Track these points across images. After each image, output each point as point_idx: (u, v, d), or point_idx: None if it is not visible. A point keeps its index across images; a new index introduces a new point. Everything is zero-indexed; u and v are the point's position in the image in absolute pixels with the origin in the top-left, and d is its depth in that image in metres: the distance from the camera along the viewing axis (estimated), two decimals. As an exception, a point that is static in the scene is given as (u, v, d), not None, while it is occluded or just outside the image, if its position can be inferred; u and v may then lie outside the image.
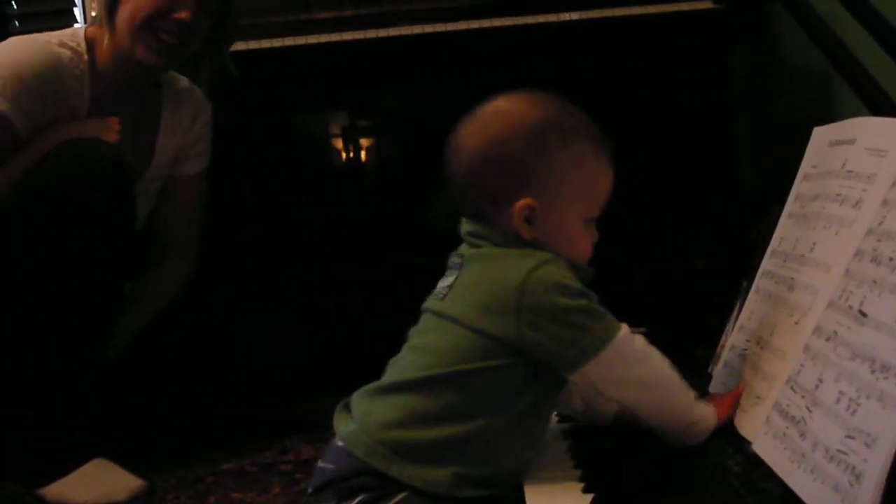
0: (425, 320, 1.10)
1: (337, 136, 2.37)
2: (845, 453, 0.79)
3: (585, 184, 1.09)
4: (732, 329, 1.27)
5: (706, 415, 1.06)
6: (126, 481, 1.62)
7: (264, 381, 2.06)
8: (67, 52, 1.68)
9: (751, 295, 1.23)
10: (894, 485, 0.74)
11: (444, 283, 1.09)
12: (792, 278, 1.09)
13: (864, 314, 0.87)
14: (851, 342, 0.87)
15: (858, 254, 0.94)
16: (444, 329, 1.05)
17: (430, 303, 1.09)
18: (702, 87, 2.21)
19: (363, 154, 2.36)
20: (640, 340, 1.03)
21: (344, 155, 2.35)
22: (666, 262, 2.25)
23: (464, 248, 1.10)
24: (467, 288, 1.06)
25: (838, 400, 0.84)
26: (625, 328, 1.02)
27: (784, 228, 1.20)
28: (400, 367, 1.07)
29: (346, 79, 2.24)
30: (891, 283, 0.84)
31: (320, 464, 1.06)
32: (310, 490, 1.06)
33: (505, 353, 1.01)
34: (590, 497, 0.97)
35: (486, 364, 1.01)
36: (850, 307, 0.90)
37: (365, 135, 2.37)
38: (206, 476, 1.72)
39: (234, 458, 1.80)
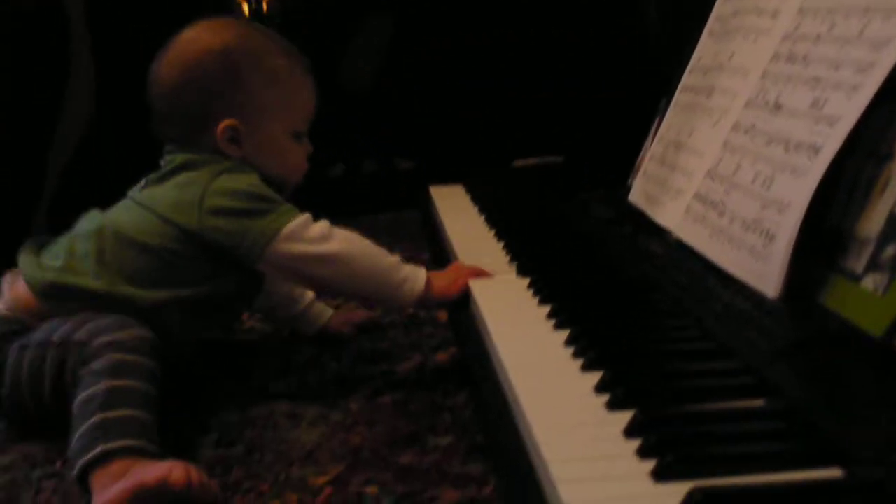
0: (119, 204, 1.18)
1: None
2: (760, 221, 0.90)
3: (283, 99, 1.17)
4: (651, 143, 1.37)
5: (414, 276, 1.11)
6: None
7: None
8: None
9: (670, 109, 1.32)
10: (802, 245, 0.85)
11: (144, 178, 1.18)
12: (711, 86, 1.18)
13: (779, 106, 0.97)
14: (768, 130, 0.97)
15: (775, 57, 1.03)
16: (134, 211, 1.14)
17: (130, 192, 1.18)
18: None
19: None
20: (321, 224, 1.11)
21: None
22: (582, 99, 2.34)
23: (168, 155, 1.18)
24: (162, 183, 1.15)
25: (755, 180, 0.95)
26: (301, 217, 1.10)
27: (704, 46, 1.29)
28: (85, 228, 1.16)
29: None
30: (805, 76, 0.94)
31: None
32: None
33: (187, 241, 1.10)
34: (527, 281, 1.07)
35: (169, 246, 1.11)
36: (767, 102, 1.00)
37: None
38: None
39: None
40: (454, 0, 2.35)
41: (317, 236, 1.09)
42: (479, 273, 1.12)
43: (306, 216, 1.11)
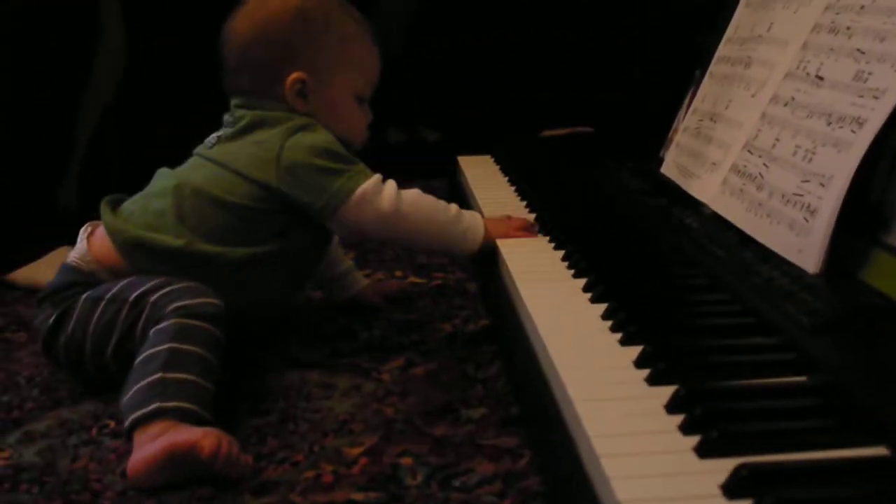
0: (191, 162, 1.19)
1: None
2: (801, 195, 0.89)
3: (352, 61, 1.20)
4: (685, 115, 1.35)
5: (475, 225, 1.16)
6: None
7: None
8: None
9: (704, 80, 1.31)
10: (843, 220, 0.84)
11: (213, 136, 1.19)
12: (749, 57, 1.16)
13: (820, 78, 0.95)
14: (809, 103, 0.95)
15: (816, 28, 1.01)
16: (209, 169, 1.15)
17: (199, 150, 1.19)
18: None
19: None
20: (389, 187, 1.13)
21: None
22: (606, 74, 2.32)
23: (238, 111, 1.18)
24: (236, 140, 1.16)
25: (795, 153, 0.93)
26: (372, 179, 1.12)
27: (741, 16, 1.27)
28: (160, 186, 1.16)
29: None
30: (848, 48, 0.92)
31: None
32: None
33: (265, 197, 1.12)
34: (560, 253, 1.07)
35: (246, 203, 1.12)
36: (808, 74, 0.98)
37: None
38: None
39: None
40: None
41: (386, 199, 1.11)
42: (528, 225, 1.19)
43: (376, 178, 1.13)
